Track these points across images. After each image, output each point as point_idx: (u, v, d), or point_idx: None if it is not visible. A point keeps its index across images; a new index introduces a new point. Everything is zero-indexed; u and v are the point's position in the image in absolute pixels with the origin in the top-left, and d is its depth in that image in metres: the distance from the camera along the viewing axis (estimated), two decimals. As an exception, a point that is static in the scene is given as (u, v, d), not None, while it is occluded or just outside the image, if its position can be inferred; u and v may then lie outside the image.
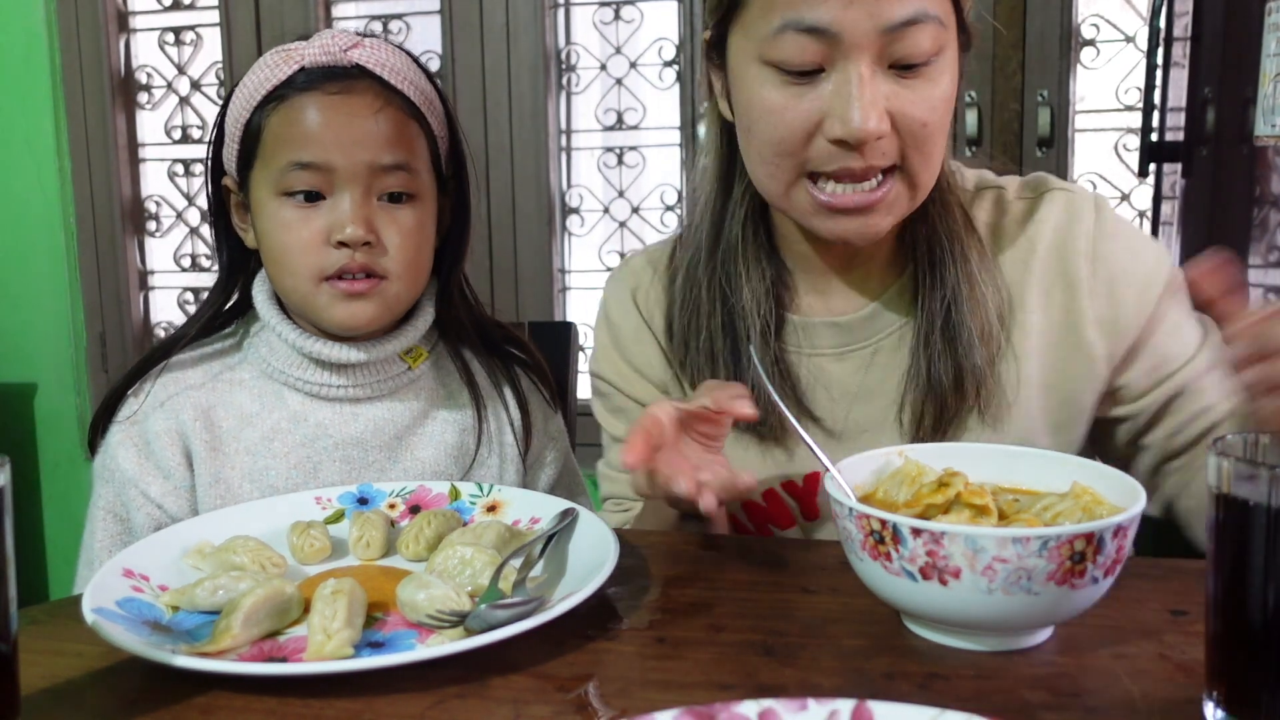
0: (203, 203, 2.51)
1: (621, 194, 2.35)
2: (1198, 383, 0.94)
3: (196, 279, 2.62)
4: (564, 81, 2.34)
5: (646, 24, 2.28)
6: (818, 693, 0.60)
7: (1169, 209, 1.92)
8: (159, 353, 1.10)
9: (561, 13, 2.32)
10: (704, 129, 0.96)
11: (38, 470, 2.65)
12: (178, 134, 2.57)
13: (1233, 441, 0.57)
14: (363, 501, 0.94)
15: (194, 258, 2.62)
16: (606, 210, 2.37)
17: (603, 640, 0.69)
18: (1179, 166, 1.88)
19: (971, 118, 2.06)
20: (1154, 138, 1.86)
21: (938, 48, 0.81)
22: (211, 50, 2.52)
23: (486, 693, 0.63)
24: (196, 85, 2.54)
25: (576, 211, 2.38)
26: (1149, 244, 0.96)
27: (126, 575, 0.77)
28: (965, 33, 0.86)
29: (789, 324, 0.96)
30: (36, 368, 2.62)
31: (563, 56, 2.33)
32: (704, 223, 0.97)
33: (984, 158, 1.03)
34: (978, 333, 0.89)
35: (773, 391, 0.79)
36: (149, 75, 2.56)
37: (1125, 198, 2.12)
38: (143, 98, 2.57)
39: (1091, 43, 2.07)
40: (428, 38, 2.35)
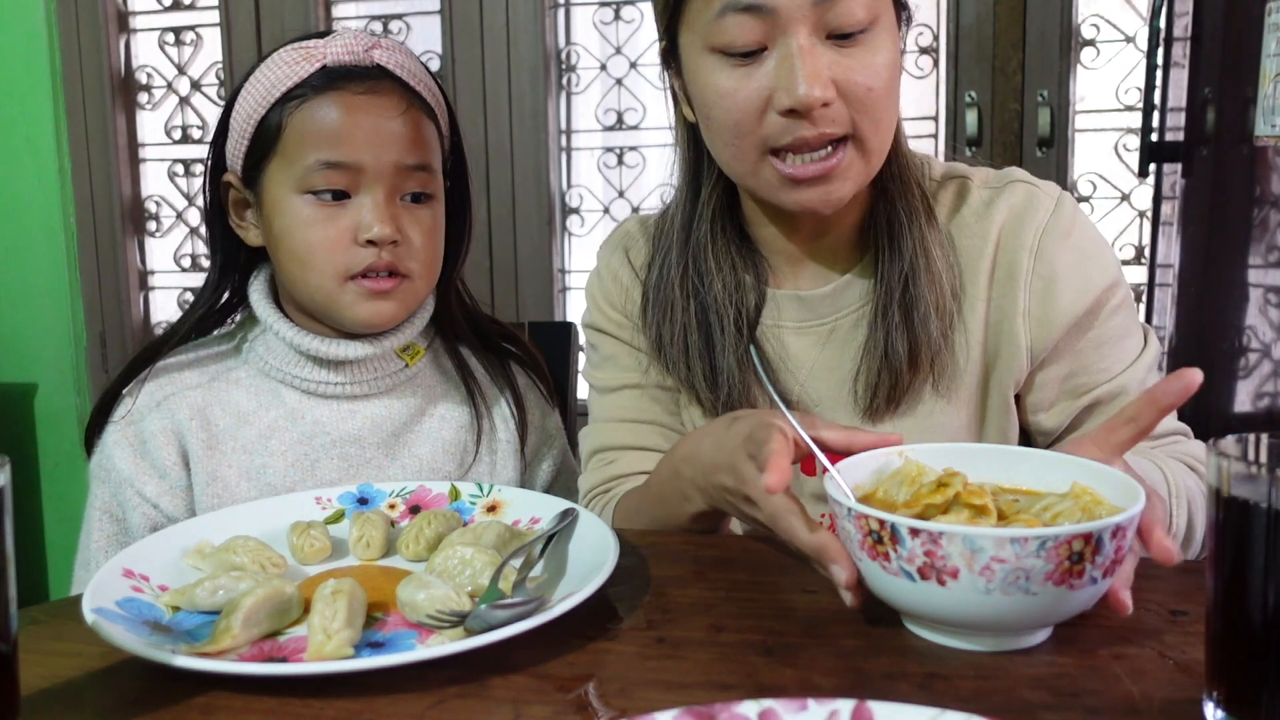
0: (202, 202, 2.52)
1: (621, 194, 2.35)
2: (1117, 401, 0.93)
3: (197, 279, 2.62)
4: (564, 81, 2.34)
5: (646, 24, 2.28)
6: (818, 693, 0.60)
7: (1169, 209, 1.92)
8: (152, 351, 1.09)
9: (561, 13, 2.32)
10: (673, 136, 1.01)
11: (38, 470, 2.65)
12: (178, 134, 2.57)
13: (1232, 442, 0.57)
14: (363, 501, 0.94)
15: (194, 258, 2.62)
16: (606, 210, 2.37)
17: (603, 640, 0.69)
18: (1179, 166, 1.88)
19: (971, 118, 2.06)
20: (1154, 138, 1.86)
21: (872, 16, 0.85)
22: (211, 50, 2.52)
23: (486, 693, 0.63)
24: (196, 85, 2.54)
25: (576, 211, 2.38)
26: (1101, 250, 0.96)
27: (126, 575, 0.77)
28: (903, 7, 0.91)
29: (765, 298, 1.00)
30: (36, 368, 2.62)
31: (563, 56, 2.33)
32: (675, 225, 1.01)
33: (984, 158, 1.04)
34: (933, 305, 0.93)
35: (770, 388, 0.81)
36: (149, 75, 2.56)
37: (1125, 198, 2.12)
38: (143, 98, 2.57)
39: (1091, 43, 2.07)
40: (428, 38, 2.35)
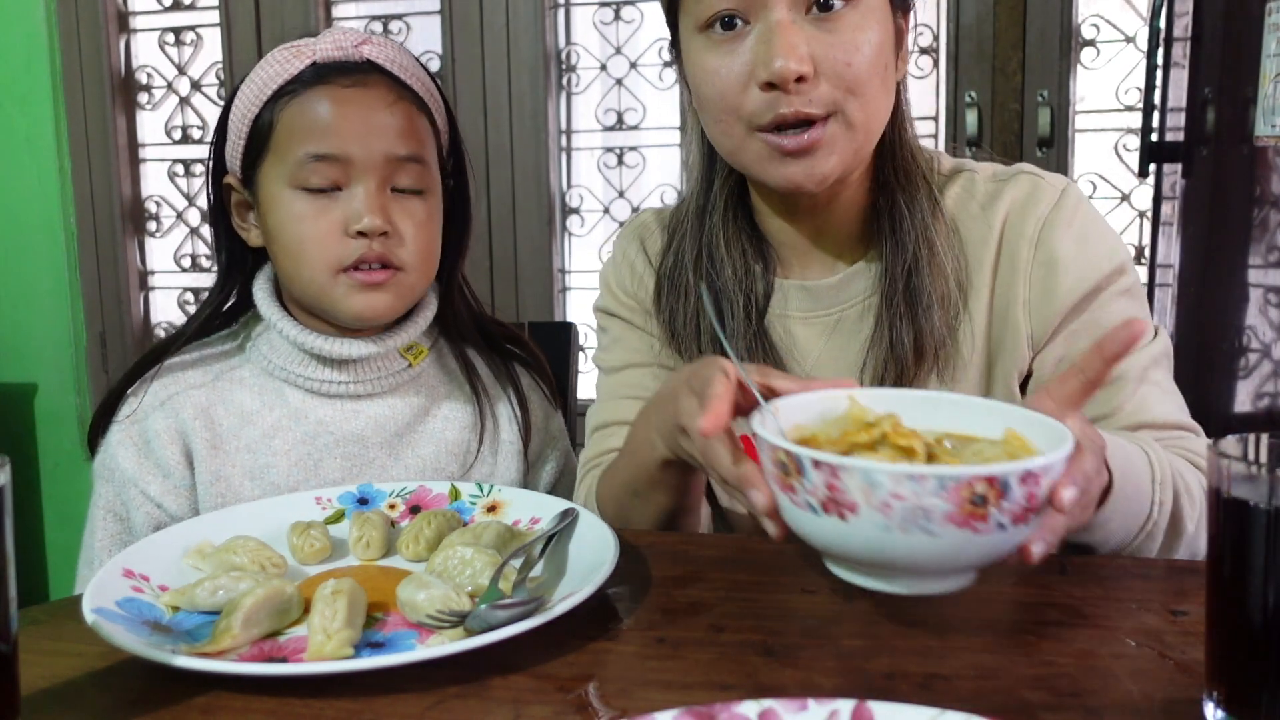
0: (203, 203, 2.52)
1: (621, 194, 2.35)
2: (1113, 387, 0.92)
3: (196, 279, 2.62)
4: (564, 81, 2.34)
5: (646, 24, 2.28)
6: (818, 693, 0.60)
7: (1169, 209, 1.92)
8: (157, 352, 1.10)
9: (561, 13, 2.32)
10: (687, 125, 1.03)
11: (38, 470, 2.65)
12: (178, 134, 2.57)
13: (1232, 442, 0.57)
14: (363, 501, 0.94)
15: (194, 258, 2.62)
16: (606, 210, 2.37)
17: (603, 640, 0.69)
18: (1179, 166, 1.88)
19: (971, 118, 2.06)
20: (1154, 138, 1.86)
21: None
22: (211, 50, 2.52)
23: (486, 693, 0.63)
24: (196, 85, 2.54)
25: (576, 211, 2.38)
26: (1105, 236, 0.96)
27: (127, 575, 0.77)
28: None
29: (774, 288, 1.01)
30: (36, 368, 2.62)
31: (563, 56, 2.33)
32: (689, 213, 1.03)
33: (984, 158, 1.04)
34: (937, 298, 0.94)
35: (723, 337, 0.80)
36: (149, 75, 2.56)
37: (1125, 198, 2.12)
38: (143, 98, 2.57)
39: (1091, 43, 2.07)
40: (428, 38, 2.35)
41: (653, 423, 0.86)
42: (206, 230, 2.58)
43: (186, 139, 2.57)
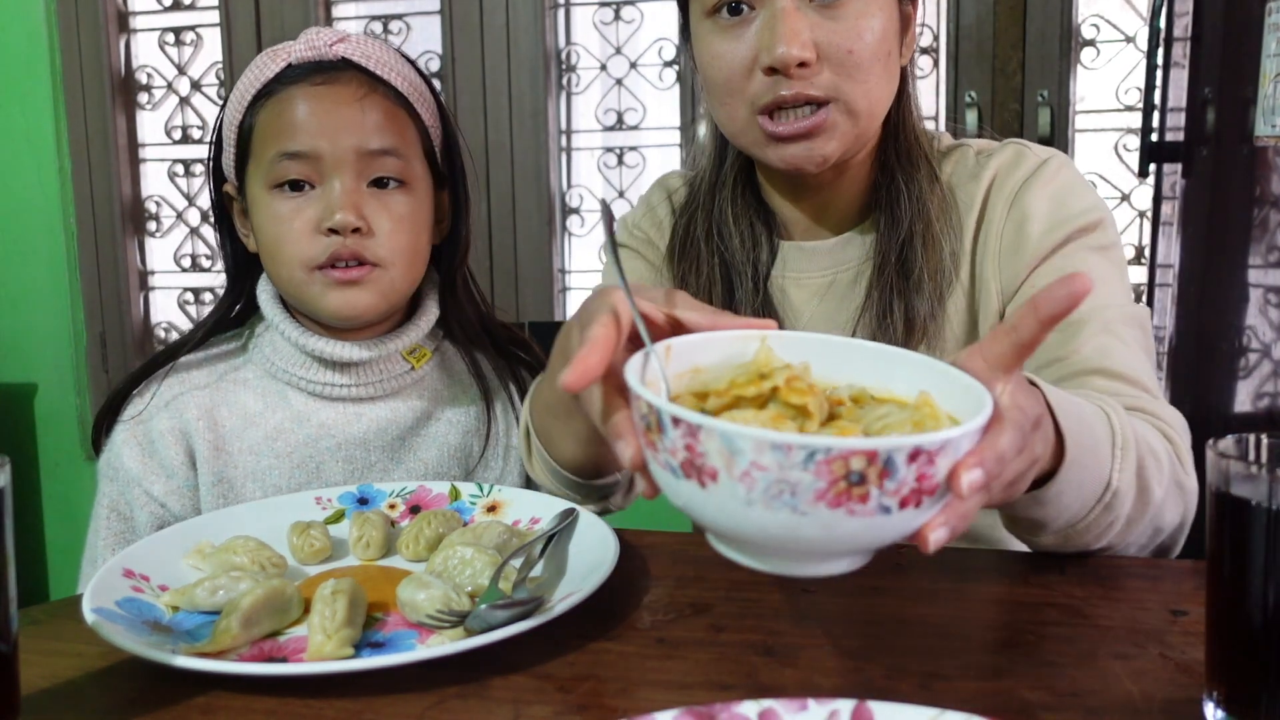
0: (203, 202, 2.52)
1: (622, 194, 2.35)
2: (1071, 329, 0.88)
3: (196, 279, 2.62)
4: (564, 81, 2.34)
5: (646, 24, 2.28)
6: (818, 693, 0.60)
7: (1169, 209, 1.92)
8: (164, 357, 1.10)
9: (561, 13, 2.32)
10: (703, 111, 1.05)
11: (38, 470, 2.65)
12: (178, 134, 2.57)
13: (1232, 442, 0.57)
14: (363, 501, 0.94)
15: (194, 258, 2.62)
16: (610, 212, 2.36)
17: (603, 640, 0.69)
18: (1179, 166, 1.88)
19: (971, 118, 2.06)
20: (1154, 138, 1.86)
21: None
22: (211, 50, 2.52)
23: (486, 693, 0.63)
24: (196, 85, 2.54)
25: (576, 211, 2.38)
26: (1083, 196, 0.95)
27: (127, 575, 0.77)
28: None
29: (777, 252, 1.03)
30: (36, 368, 2.62)
31: (563, 56, 2.33)
32: (702, 189, 1.06)
33: (986, 136, 1.05)
34: (930, 271, 0.95)
35: (620, 271, 0.70)
36: (149, 75, 2.56)
37: (1125, 198, 2.12)
38: (143, 98, 2.57)
39: (1091, 43, 2.07)
40: (428, 38, 2.35)
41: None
42: (206, 230, 2.58)
43: (186, 139, 2.57)
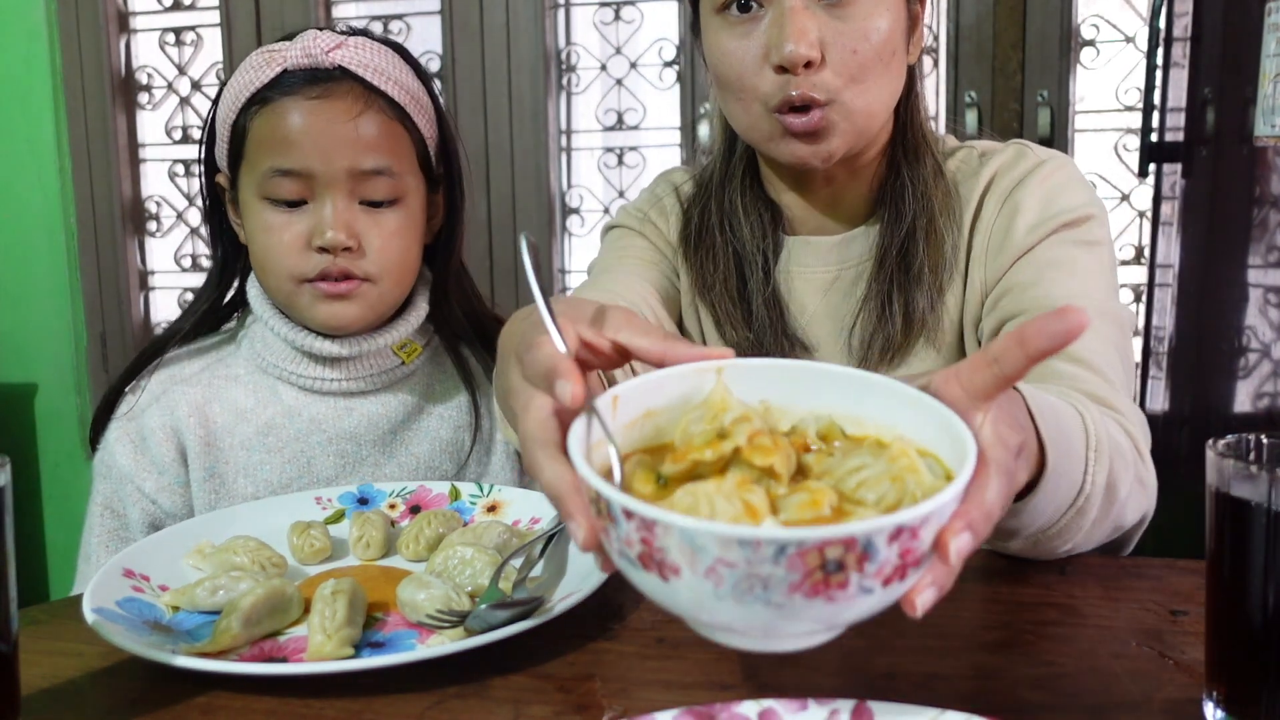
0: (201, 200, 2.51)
1: (622, 194, 2.35)
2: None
3: (197, 279, 2.62)
4: (564, 81, 2.34)
5: (646, 24, 2.28)
6: (818, 693, 0.60)
7: (1169, 209, 1.92)
8: (155, 348, 1.10)
9: (561, 13, 2.32)
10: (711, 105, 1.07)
11: (38, 470, 2.65)
12: (178, 134, 2.57)
13: (1232, 442, 0.57)
14: (363, 501, 0.94)
15: (194, 258, 2.62)
16: (606, 210, 2.36)
17: (603, 640, 0.69)
18: (1179, 166, 1.88)
19: (971, 118, 2.06)
20: (1154, 138, 1.86)
21: None
22: (211, 50, 2.51)
23: (486, 693, 0.63)
24: (197, 85, 2.54)
25: (576, 211, 2.38)
26: (1077, 193, 0.94)
27: (127, 575, 0.77)
28: None
29: (783, 244, 1.04)
30: (36, 368, 2.62)
31: (563, 57, 2.33)
32: (713, 181, 1.06)
33: (988, 138, 1.06)
34: (930, 264, 0.95)
35: (535, 287, 0.62)
36: (149, 75, 2.56)
37: (1125, 198, 2.12)
38: (143, 98, 2.57)
39: (1091, 43, 2.07)
40: (428, 38, 2.35)
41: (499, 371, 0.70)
42: (206, 230, 2.58)
43: (186, 139, 2.57)
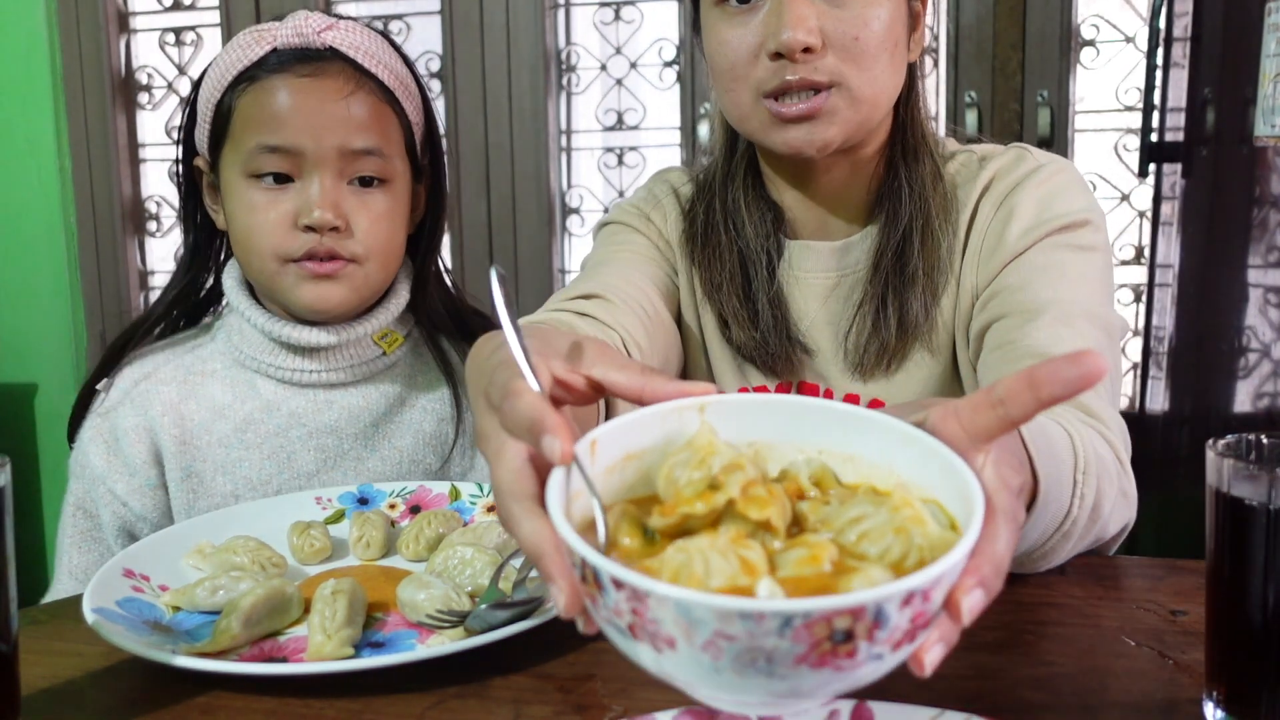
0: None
1: (621, 194, 2.35)
2: (1023, 326, 0.85)
3: (196, 279, 2.62)
4: (564, 81, 2.34)
5: (646, 24, 2.28)
6: (818, 693, 0.60)
7: (1169, 209, 1.92)
8: (126, 337, 1.09)
9: (561, 13, 2.32)
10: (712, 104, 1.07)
11: (38, 470, 2.65)
12: (178, 134, 2.57)
13: (1232, 442, 0.57)
14: (363, 501, 0.94)
15: (194, 258, 2.62)
16: (606, 210, 2.37)
17: (603, 640, 0.68)
18: (1179, 166, 1.88)
19: (971, 118, 2.06)
20: (1154, 138, 1.86)
21: None
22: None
23: (486, 693, 0.63)
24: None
25: (576, 211, 2.38)
26: (1074, 198, 0.93)
27: (127, 575, 0.77)
28: None
29: (784, 247, 1.03)
30: (36, 368, 2.62)
31: (563, 57, 2.33)
32: (715, 181, 1.05)
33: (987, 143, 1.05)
34: (926, 266, 0.95)
35: (504, 315, 0.59)
36: (149, 75, 2.56)
37: (1125, 198, 2.12)
38: (143, 98, 2.57)
39: (1091, 43, 2.07)
40: (428, 38, 2.35)
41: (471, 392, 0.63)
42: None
43: (186, 139, 2.57)
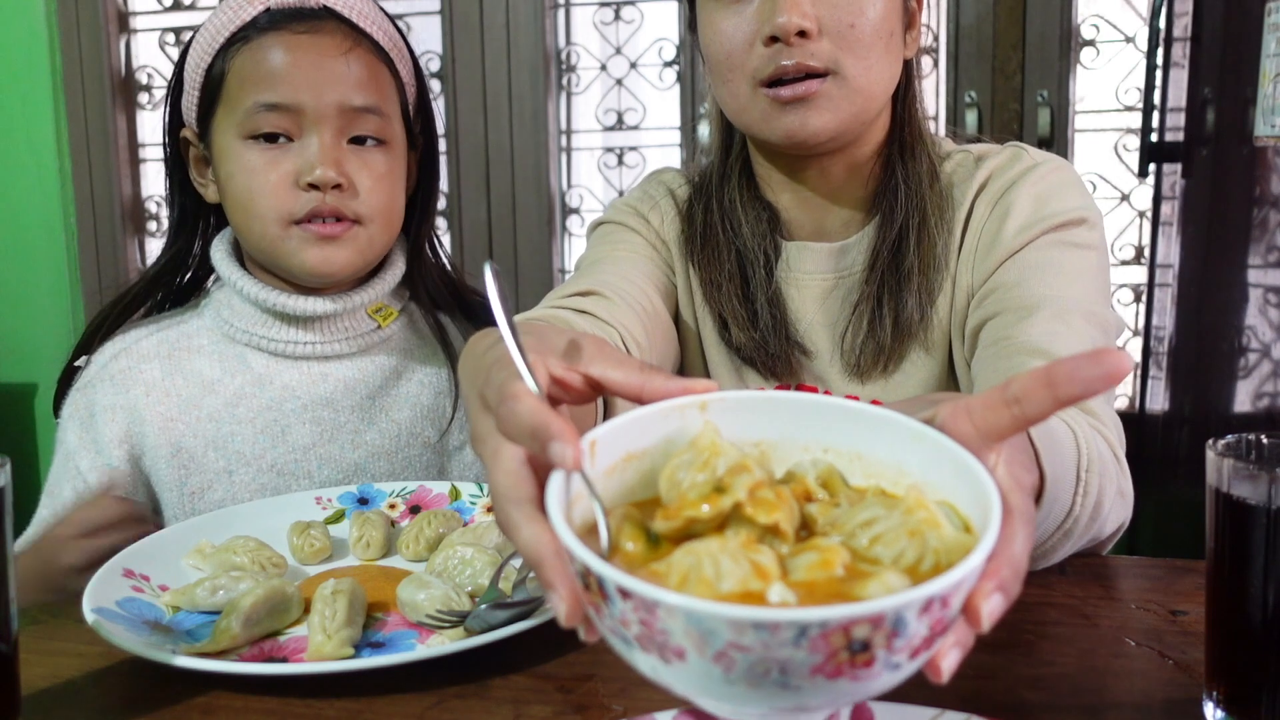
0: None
1: (621, 194, 2.35)
2: (1017, 323, 0.85)
3: (196, 279, 2.62)
4: (564, 81, 2.34)
5: (646, 24, 2.28)
6: (818, 693, 0.60)
7: (1169, 209, 1.92)
8: (106, 313, 1.07)
9: (561, 13, 2.32)
10: (709, 104, 1.05)
11: (38, 470, 2.65)
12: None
13: (1232, 442, 0.57)
14: (363, 501, 0.94)
15: (194, 258, 2.62)
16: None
17: (602, 640, 0.69)
18: (1179, 166, 1.88)
19: (971, 118, 2.06)
20: (1154, 138, 1.86)
21: None
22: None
23: (486, 693, 0.63)
24: (196, 85, 2.54)
25: (576, 211, 2.38)
26: (1071, 196, 0.93)
27: (127, 575, 0.77)
28: None
29: (781, 249, 1.03)
30: (36, 368, 2.62)
31: (563, 56, 2.33)
32: (712, 182, 1.05)
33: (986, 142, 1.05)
34: (921, 265, 0.95)
35: (500, 313, 0.52)
36: (149, 75, 2.56)
37: (1125, 198, 2.12)
38: (143, 98, 2.57)
39: (1091, 43, 2.07)
40: (428, 38, 2.35)
41: (463, 386, 0.61)
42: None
43: (186, 139, 2.57)
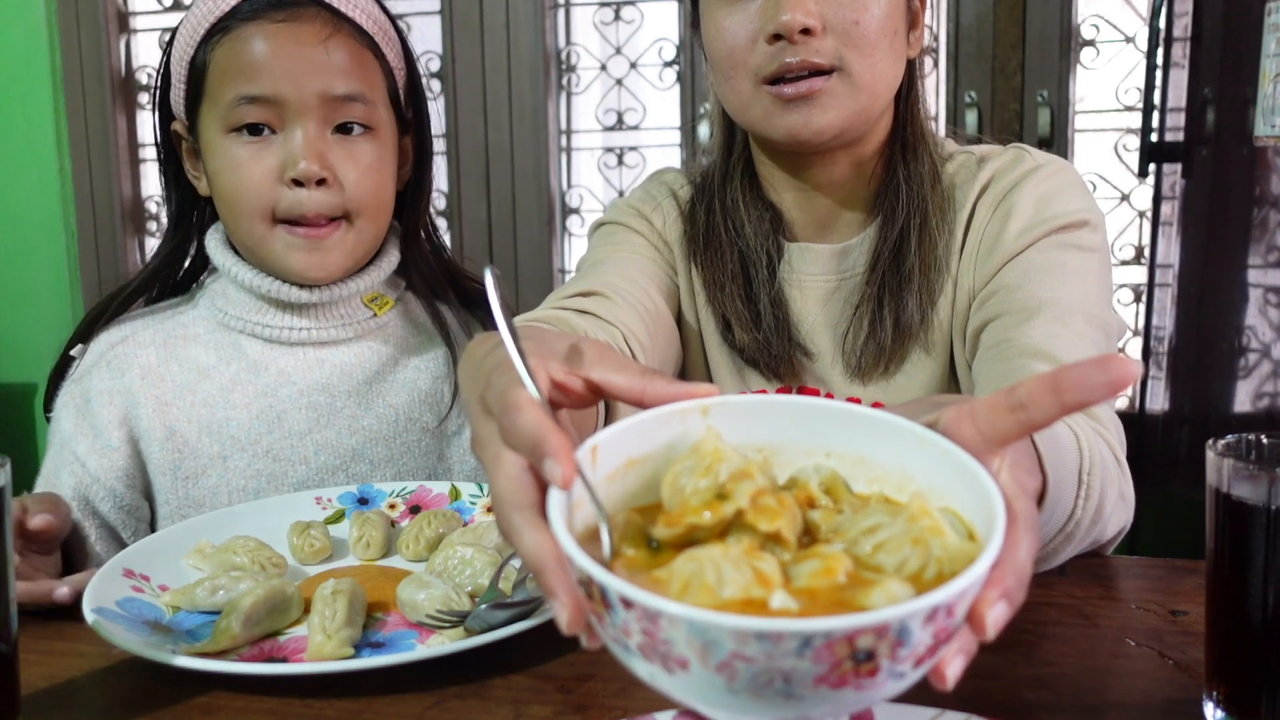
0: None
1: (621, 194, 2.35)
2: (1017, 325, 0.85)
3: (196, 279, 2.62)
4: (564, 81, 2.34)
5: (646, 24, 2.28)
6: (818, 693, 0.60)
7: (1169, 209, 1.92)
8: (103, 306, 1.08)
9: (561, 13, 2.32)
10: (711, 103, 1.05)
11: (38, 470, 2.64)
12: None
13: (1232, 442, 0.57)
14: (363, 501, 0.94)
15: (194, 258, 2.62)
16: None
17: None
18: (1179, 166, 1.88)
19: (971, 118, 2.06)
20: (1154, 138, 1.86)
21: None
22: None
23: (486, 693, 0.63)
24: (196, 85, 2.54)
25: (576, 211, 2.38)
26: (1073, 198, 0.93)
27: (127, 575, 0.77)
28: None
29: (784, 250, 1.02)
30: (36, 368, 2.62)
31: (563, 56, 2.33)
32: (714, 182, 1.04)
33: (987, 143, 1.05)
34: (922, 266, 0.94)
35: (500, 317, 0.51)
36: (149, 75, 2.56)
37: (1125, 198, 2.12)
38: (143, 98, 2.57)
39: (1091, 43, 2.07)
40: (428, 38, 2.35)
41: (464, 392, 0.59)
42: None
43: (186, 139, 2.57)
